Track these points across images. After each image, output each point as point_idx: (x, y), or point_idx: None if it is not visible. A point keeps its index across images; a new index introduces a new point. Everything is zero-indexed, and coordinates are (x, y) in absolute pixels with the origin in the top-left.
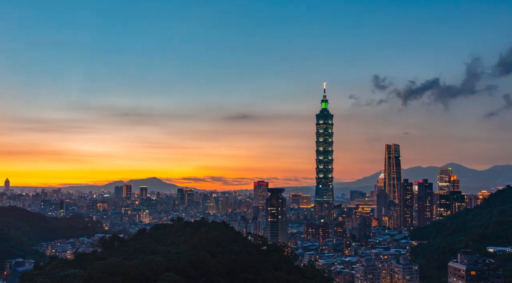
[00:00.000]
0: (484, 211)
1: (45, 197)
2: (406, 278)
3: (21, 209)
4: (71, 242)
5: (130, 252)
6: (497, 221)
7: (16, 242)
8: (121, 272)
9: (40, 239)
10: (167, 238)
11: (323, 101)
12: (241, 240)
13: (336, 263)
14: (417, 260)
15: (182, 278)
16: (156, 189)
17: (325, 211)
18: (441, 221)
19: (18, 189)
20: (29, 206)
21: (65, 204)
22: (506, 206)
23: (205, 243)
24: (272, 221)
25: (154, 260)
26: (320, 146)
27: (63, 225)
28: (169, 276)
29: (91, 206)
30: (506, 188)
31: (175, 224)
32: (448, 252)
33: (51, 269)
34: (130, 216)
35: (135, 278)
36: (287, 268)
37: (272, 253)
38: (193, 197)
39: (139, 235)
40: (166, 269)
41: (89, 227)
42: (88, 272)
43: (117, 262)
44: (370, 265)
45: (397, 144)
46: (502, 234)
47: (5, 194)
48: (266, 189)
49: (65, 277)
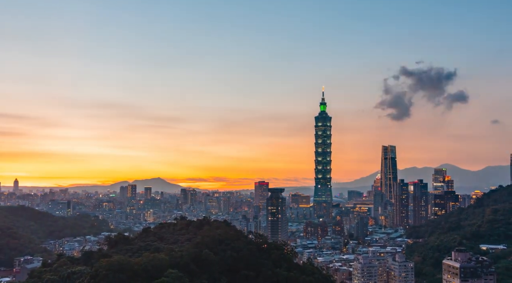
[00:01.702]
0: (477, 210)
1: (53, 197)
2: (402, 275)
3: (30, 208)
4: (78, 240)
5: (135, 250)
6: (489, 220)
7: (25, 240)
8: (126, 269)
9: (48, 237)
10: (171, 237)
11: (322, 104)
12: (242, 239)
13: (334, 260)
14: (412, 257)
15: (185, 275)
16: (160, 189)
17: (323, 210)
18: (436, 220)
19: (26, 189)
20: (37, 206)
21: (72, 203)
22: (498, 205)
23: (207, 241)
24: (272, 220)
25: (158, 257)
26: (319, 148)
27: (70, 224)
28: (173, 273)
29: (97, 206)
30: (498, 188)
31: (179, 223)
32: (443, 250)
33: (58, 266)
34: (134, 215)
35: (140, 275)
36: (287, 265)
37: (273, 251)
38: (196, 197)
39: (144, 233)
40: (169, 266)
41: (95, 226)
42: (94, 269)
43: (122, 260)
44: (367, 262)
45: (393, 145)
46: (495, 232)
47: (14, 194)
48: (266, 189)
49: (72, 274)
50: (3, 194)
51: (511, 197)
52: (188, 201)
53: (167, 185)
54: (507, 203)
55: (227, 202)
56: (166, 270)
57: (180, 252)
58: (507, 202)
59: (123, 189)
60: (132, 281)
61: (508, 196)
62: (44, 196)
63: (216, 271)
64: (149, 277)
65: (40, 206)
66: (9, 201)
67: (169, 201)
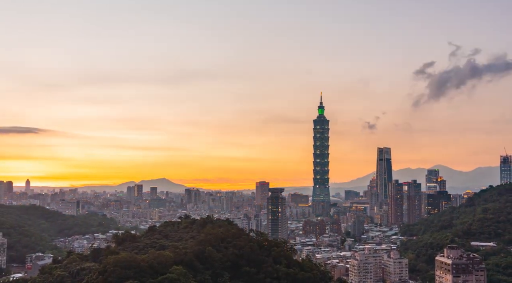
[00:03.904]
0: (468, 209)
1: (63, 196)
2: (396, 271)
3: (41, 207)
4: (87, 238)
5: (141, 247)
6: (480, 218)
7: (36, 238)
8: (133, 265)
9: (58, 235)
10: (175, 234)
11: (320, 108)
12: (244, 236)
13: (332, 257)
14: (406, 254)
15: (189, 271)
16: (165, 189)
17: (321, 209)
18: (429, 219)
19: (38, 189)
20: (48, 205)
21: (81, 202)
22: (489, 204)
23: (210, 239)
24: (272, 218)
25: (164, 254)
26: (317, 149)
27: (79, 222)
28: (177, 269)
29: (105, 205)
30: (488, 188)
31: (183, 222)
32: (435, 247)
33: (68, 262)
34: (141, 214)
35: (146, 271)
36: (287, 262)
37: (273, 248)
38: (200, 196)
39: (150, 231)
40: (174, 263)
41: (103, 224)
42: (102, 265)
43: (129, 256)
44: (364, 259)
45: (388, 147)
46: (485, 230)
47: (26, 194)
48: (267, 189)
49: (81, 270)
50: (16, 193)
51: (500, 196)
52: (192, 200)
53: (172, 185)
54: (497, 202)
55: (230, 202)
56: (171, 266)
57: (185, 249)
58: (496, 201)
59: (130, 189)
60: (138, 277)
61: (498, 196)
62: (55, 196)
63: (219, 268)
64: (155, 273)
65: (50, 205)
66: (21, 200)
67: (174, 201)
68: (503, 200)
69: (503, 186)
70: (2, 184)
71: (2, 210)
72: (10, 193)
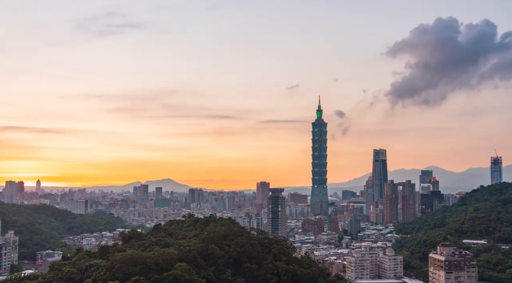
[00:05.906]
0: (460, 209)
1: (72, 196)
2: (391, 268)
3: (51, 206)
4: (95, 236)
5: (147, 245)
6: (471, 217)
7: (47, 236)
8: (139, 262)
9: (67, 233)
10: (180, 233)
11: (318, 111)
12: (246, 234)
13: (330, 254)
14: (401, 252)
15: (193, 267)
16: (170, 189)
17: (320, 208)
18: (423, 217)
19: (48, 189)
20: (57, 204)
21: (89, 202)
22: (480, 204)
23: (213, 237)
24: (273, 217)
25: (168, 251)
26: (316, 151)
27: (87, 221)
28: (182, 265)
29: (113, 204)
30: (479, 188)
31: (187, 220)
32: (429, 244)
33: (77, 259)
34: (146, 213)
35: (151, 268)
36: (286, 259)
37: (273, 246)
38: (203, 196)
39: (155, 229)
40: (179, 260)
41: (111, 222)
42: (110, 262)
43: (135, 254)
44: (360, 256)
45: (383, 149)
46: (476, 228)
47: (37, 193)
48: (267, 189)
49: (90, 267)
50: (27, 193)
51: (491, 196)
52: (196, 200)
53: (176, 185)
54: (488, 202)
55: (232, 201)
56: (176, 263)
57: (188, 246)
58: (487, 201)
59: (136, 189)
60: (144, 273)
61: (489, 196)
62: (64, 195)
63: (221, 264)
64: (160, 270)
65: (60, 205)
66: (32, 200)
67: (178, 200)
68: (493, 199)
69: (493, 186)
70: (14, 184)
71: (14, 209)
72: (21, 193)
